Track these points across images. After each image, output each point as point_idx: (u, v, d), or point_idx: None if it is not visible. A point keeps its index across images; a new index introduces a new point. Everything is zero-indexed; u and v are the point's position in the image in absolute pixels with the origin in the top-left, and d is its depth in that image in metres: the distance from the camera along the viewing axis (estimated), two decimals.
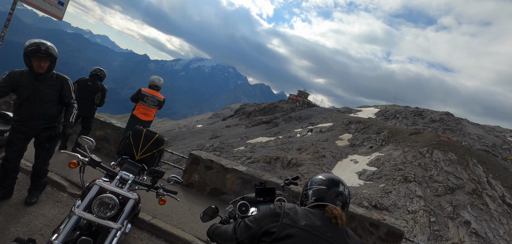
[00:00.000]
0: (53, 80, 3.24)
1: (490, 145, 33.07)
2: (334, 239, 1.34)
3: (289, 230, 1.33)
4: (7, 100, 6.64)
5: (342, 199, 1.50)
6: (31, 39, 3.06)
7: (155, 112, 5.72)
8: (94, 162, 2.31)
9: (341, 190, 1.51)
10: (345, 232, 1.42)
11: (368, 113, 50.66)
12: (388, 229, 4.27)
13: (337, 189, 1.51)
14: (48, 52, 3.03)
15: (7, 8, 33.64)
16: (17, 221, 2.99)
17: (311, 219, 1.38)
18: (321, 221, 1.38)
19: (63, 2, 5.78)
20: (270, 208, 1.47)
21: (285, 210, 1.42)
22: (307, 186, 1.61)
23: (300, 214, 1.40)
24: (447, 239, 16.64)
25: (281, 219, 1.38)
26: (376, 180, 22.41)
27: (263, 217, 1.45)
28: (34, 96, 3.12)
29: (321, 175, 1.60)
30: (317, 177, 1.59)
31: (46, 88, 3.18)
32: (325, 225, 1.37)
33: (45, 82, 3.17)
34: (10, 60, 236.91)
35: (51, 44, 3.14)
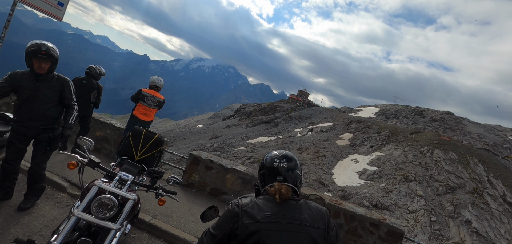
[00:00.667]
0: (54, 81, 3.23)
1: (491, 144, 33.02)
2: (295, 217, 1.34)
3: (251, 228, 1.31)
4: (7, 102, 6.64)
5: (282, 171, 1.48)
6: (33, 40, 3.06)
7: (155, 112, 5.73)
8: (93, 163, 2.31)
9: (277, 164, 1.49)
10: (306, 204, 1.42)
11: (368, 112, 50.62)
12: (389, 228, 4.26)
13: (273, 164, 1.50)
14: (49, 53, 3.04)
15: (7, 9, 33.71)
16: (17, 222, 2.99)
17: (267, 207, 1.37)
18: (275, 205, 1.38)
19: (62, 3, 5.78)
20: (228, 210, 1.43)
21: (243, 208, 1.38)
22: (258, 173, 1.61)
23: (257, 207, 1.38)
24: (448, 239, 16.62)
25: (241, 219, 1.35)
26: (376, 180, 22.39)
27: (223, 221, 1.42)
28: (34, 97, 3.13)
29: (266, 155, 1.59)
30: (262, 161, 1.59)
31: (46, 89, 3.18)
32: (280, 207, 1.37)
33: (45, 83, 3.17)
34: (10, 61, 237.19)
35: (52, 45, 3.13)
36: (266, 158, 1.56)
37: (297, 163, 1.55)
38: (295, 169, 1.51)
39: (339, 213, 4.50)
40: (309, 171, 22.26)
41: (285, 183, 1.46)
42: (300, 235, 1.32)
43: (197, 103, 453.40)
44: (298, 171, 1.52)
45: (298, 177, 1.51)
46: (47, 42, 3.12)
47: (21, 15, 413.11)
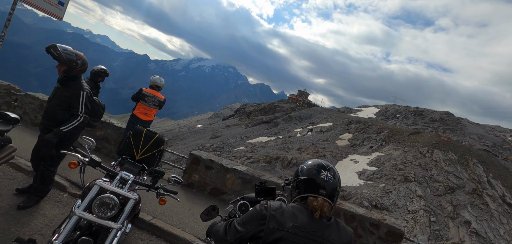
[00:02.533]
0: (73, 86, 3.26)
1: (490, 145, 33.05)
2: (324, 237, 1.28)
3: (276, 234, 1.28)
4: (8, 101, 6.65)
5: (327, 186, 1.38)
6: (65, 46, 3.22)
7: (155, 112, 5.73)
8: (94, 162, 2.31)
9: (323, 177, 1.38)
10: (336, 225, 1.35)
11: (368, 113, 50.64)
12: (389, 229, 4.27)
13: (320, 175, 1.39)
14: (58, 56, 3.11)
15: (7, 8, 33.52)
16: (17, 221, 2.99)
17: (298, 218, 1.31)
18: (307, 218, 1.32)
19: (63, 2, 5.78)
20: (256, 210, 1.39)
21: (271, 212, 1.33)
22: (294, 176, 1.51)
23: (286, 214, 1.33)
24: (447, 239, 16.63)
25: (267, 223, 1.31)
26: (376, 180, 22.40)
27: (250, 220, 1.39)
28: (52, 96, 3.31)
29: (307, 162, 1.49)
30: (302, 166, 1.48)
31: (62, 92, 3.26)
32: (313, 222, 1.31)
33: (64, 86, 3.27)
34: (11, 60, 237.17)
35: (67, 48, 3.18)
36: (311, 166, 1.45)
37: (340, 179, 1.45)
38: (338, 186, 1.41)
39: (339, 213, 4.50)
40: None
41: (328, 199, 1.38)
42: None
43: (197, 103, 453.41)
44: (339, 188, 1.42)
45: (338, 195, 1.43)
46: (65, 45, 3.17)
47: (21, 14, 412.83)
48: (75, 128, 3.25)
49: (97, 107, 3.67)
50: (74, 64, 3.19)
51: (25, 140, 5.06)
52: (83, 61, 3.32)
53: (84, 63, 3.35)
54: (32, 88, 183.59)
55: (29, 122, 6.58)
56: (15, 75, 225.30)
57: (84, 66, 3.35)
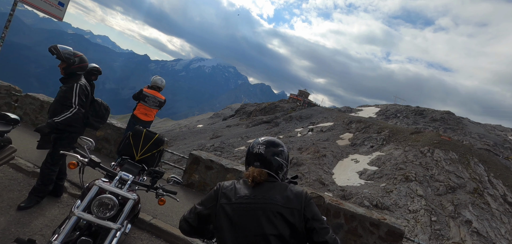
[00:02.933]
0: (70, 83, 3.33)
1: (491, 144, 32.98)
2: (265, 197, 1.42)
3: (226, 209, 1.43)
4: (8, 101, 6.66)
5: (260, 157, 1.55)
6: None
7: (155, 112, 5.73)
8: (94, 163, 2.31)
9: (256, 150, 1.56)
10: (281, 186, 1.48)
11: (369, 112, 50.59)
12: (389, 228, 4.27)
13: (253, 150, 1.58)
14: (56, 53, 3.22)
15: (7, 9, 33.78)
16: (17, 221, 2.99)
17: (243, 189, 1.48)
18: (250, 188, 1.48)
19: (63, 3, 5.79)
20: (213, 190, 1.56)
21: (222, 190, 1.51)
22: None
23: (235, 189, 1.49)
24: (448, 239, 16.61)
25: (219, 200, 1.48)
26: (377, 179, 22.38)
27: (207, 199, 1.56)
28: (56, 94, 3.43)
29: (253, 141, 1.68)
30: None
31: (61, 89, 3.35)
32: (255, 189, 1.46)
33: (64, 83, 3.37)
34: (11, 60, 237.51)
35: (64, 46, 3.29)
36: (251, 144, 1.64)
37: (278, 150, 1.57)
38: (274, 155, 1.54)
39: (339, 213, 4.50)
40: (309, 171, 22.26)
41: (265, 168, 1.53)
42: (270, 213, 1.38)
43: (197, 103, 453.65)
44: (278, 158, 1.55)
45: (277, 164, 1.55)
46: (64, 46, 3.31)
47: (21, 15, 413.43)
48: (70, 120, 3.19)
49: (99, 107, 3.64)
50: (72, 61, 3.30)
51: (26, 140, 5.07)
52: (81, 59, 3.39)
53: (83, 61, 3.42)
54: (32, 89, 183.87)
55: (29, 122, 6.59)
56: (16, 76, 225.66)
57: (82, 63, 3.42)
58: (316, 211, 1.44)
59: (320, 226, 1.40)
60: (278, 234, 1.35)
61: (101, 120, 3.70)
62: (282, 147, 1.60)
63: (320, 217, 1.44)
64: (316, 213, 1.43)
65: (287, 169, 1.60)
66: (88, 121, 3.56)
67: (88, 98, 3.49)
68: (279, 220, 1.37)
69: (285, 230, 1.36)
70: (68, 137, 3.38)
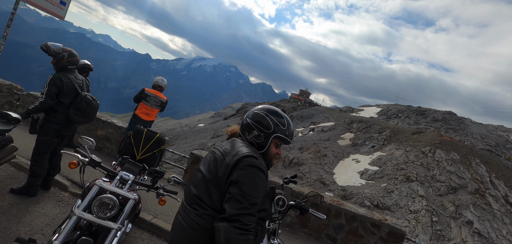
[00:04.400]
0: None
1: (493, 145, 32.86)
2: (218, 147, 1.55)
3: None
4: (10, 100, 6.68)
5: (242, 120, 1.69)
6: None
7: (157, 112, 5.72)
8: (94, 162, 2.31)
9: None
10: (232, 141, 1.56)
11: (370, 112, 50.49)
12: (390, 229, 4.25)
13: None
14: (45, 50, 3.33)
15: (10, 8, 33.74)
16: (18, 220, 3.00)
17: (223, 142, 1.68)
18: (225, 141, 1.67)
19: (65, 2, 5.79)
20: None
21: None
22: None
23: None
24: (449, 239, 16.56)
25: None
26: (378, 180, 22.34)
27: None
28: None
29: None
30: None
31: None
32: (225, 142, 1.64)
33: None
34: (13, 59, 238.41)
35: (52, 43, 3.38)
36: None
37: (253, 114, 1.62)
38: (247, 117, 1.63)
39: (340, 213, 4.49)
40: (310, 171, 22.25)
41: (240, 126, 1.67)
42: (212, 158, 1.50)
43: (198, 103, 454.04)
44: (249, 119, 1.60)
45: (246, 124, 1.61)
46: (51, 42, 3.40)
47: (23, 14, 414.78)
48: (38, 108, 3.30)
49: (80, 101, 3.51)
50: (61, 56, 3.40)
51: (27, 139, 5.08)
52: (70, 54, 3.48)
53: (72, 56, 3.50)
54: (34, 87, 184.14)
55: (29, 121, 6.60)
56: (17, 74, 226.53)
57: (72, 58, 3.50)
58: (246, 182, 1.33)
59: (236, 198, 1.30)
60: (205, 176, 1.46)
61: (81, 114, 3.56)
62: (262, 114, 1.59)
63: (245, 191, 1.31)
64: (244, 183, 1.33)
65: (259, 133, 1.55)
66: (69, 114, 3.50)
67: (67, 90, 3.44)
68: (212, 166, 1.46)
69: (211, 175, 1.43)
70: (49, 128, 3.46)
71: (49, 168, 3.67)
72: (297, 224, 4.70)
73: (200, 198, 1.42)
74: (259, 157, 1.45)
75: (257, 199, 1.32)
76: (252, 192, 1.31)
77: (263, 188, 1.38)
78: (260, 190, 1.35)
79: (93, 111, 3.68)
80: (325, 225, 4.54)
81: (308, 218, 4.60)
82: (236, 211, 1.26)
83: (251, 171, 1.34)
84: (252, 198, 1.30)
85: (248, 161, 1.37)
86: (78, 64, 3.65)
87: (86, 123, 4.06)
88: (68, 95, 3.46)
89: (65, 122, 3.54)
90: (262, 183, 1.37)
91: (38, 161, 3.45)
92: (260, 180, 1.36)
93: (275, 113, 1.60)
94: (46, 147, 3.49)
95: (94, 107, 3.65)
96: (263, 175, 1.39)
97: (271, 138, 1.54)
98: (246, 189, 1.30)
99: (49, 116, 3.45)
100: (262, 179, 1.38)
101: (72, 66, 3.53)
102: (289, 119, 1.66)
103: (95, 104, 3.66)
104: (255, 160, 1.39)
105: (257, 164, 1.38)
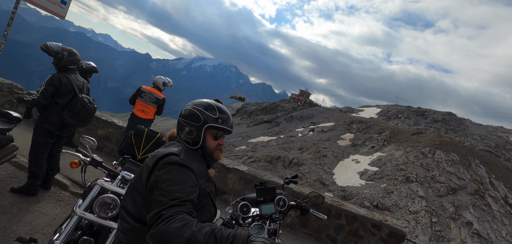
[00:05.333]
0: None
1: (493, 146, 32.88)
2: (157, 150, 1.44)
3: None
4: (10, 99, 6.68)
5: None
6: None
7: (154, 111, 5.65)
8: (96, 162, 2.31)
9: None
10: (169, 145, 1.48)
11: (370, 113, 50.51)
12: (390, 230, 4.25)
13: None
14: (45, 50, 3.37)
15: (10, 7, 33.76)
16: (19, 220, 3.00)
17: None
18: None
19: (65, 1, 5.79)
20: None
21: None
22: None
23: None
24: (449, 240, 16.57)
25: None
26: (377, 180, 22.35)
27: None
28: None
29: None
30: None
31: None
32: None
33: None
34: (13, 58, 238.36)
35: (51, 43, 3.41)
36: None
37: (184, 110, 1.51)
38: (179, 116, 1.52)
39: (340, 214, 4.49)
40: (309, 171, 22.25)
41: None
42: (144, 167, 1.39)
43: None
44: (180, 118, 1.50)
45: (179, 123, 1.52)
46: (50, 42, 3.41)
47: (24, 13, 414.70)
48: (32, 103, 3.31)
49: (76, 103, 3.46)
50: (60, 55, 3.40)
51: (27, 138, 5.07)
52: (70, 53, 3.47)
53: (72, 54, 3.49)
54: (34, 87, 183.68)
55: (31, 120, 6.60)
56: (18, 74, 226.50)
57: (72, 57, 3.48)
58: (164, 179, 1.21)
59: (156, 199, 1.16)
60: (132, 183, 1.39)
61: (75, 117, 3.47)
62: (190, 108, 1.49)
63: (164, 188, 1.18)
64: (163, 181, 1.21)
65: (190, 129, 1.46)
66: (63, 115, 3.45)
67: (65, 91, 3.42)
68: (139, 173, 1.38)
69: (137, 181, 1.36)
70: (43, 128, 3.45)
71: (48, 168, 3.64)
72: (298, 224, 4.70)
73: (126, 207, 1.34)
74: (183, 153, 1.35)
75: (180, 194, 1.15)
76: (172, 188, 1.17)
77: (187, 183, 1.22)
78: (182, 184, 1.20)
79: (88, 114, 3.60)
80: (326, 225, 4.55)
81: (309, 218, 4.60)
82: (157, 209, 1.11)
83: (169, 168, 1.24)
84: (173, 193, 1.15)
85: (166, 160, 1.28)
86: (79, 64, 3.63)
87: (81, 126, 3.99)
88: (65, 96, 3.42)
89: (58, 124, 3.47)
90: (184, 177, 1.23)
91: (35, 161, 3.43)
92: (181, 175, 1.23)
93: (203, 105, 1.49)
94: (41, 148, 3.45)
95: (89, 110, 3.57)
96: (186, 170, 1.26)
97: (203, 130, 1.45)
98: (164, 186, 1.18)
99: (43, 117, 3.41)
100: (184, 174, 1.24)
101: (73, 66, 3.51)
102: (222, 108, 1.52)
103: (91, 107, 3.58)
104: (175, 157, 1.29)
105: (176, 160, 1.27)
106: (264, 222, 2.15)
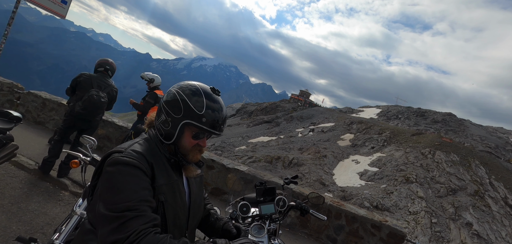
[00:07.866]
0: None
1: (493, 146, 32.88)
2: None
3: None
4: (10, 99, 6.68)
5: None
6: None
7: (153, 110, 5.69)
8: (96, 162, 2.31)
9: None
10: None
11: (370, 113, 50.51)
12: (390, 230, 4.25)
13: None
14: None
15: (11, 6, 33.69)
16: (19, 219, 3.00)
17: None
18: None
19: (66, 0, 5.79)
20: None
21: None
22: None
23: None
24: (448, 241, 16.57)
25: None
26: (377, 181, 22.35)
27: None
28: (58, 91, 3.81)
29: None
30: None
31: None
32: None
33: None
34: (14, 58, 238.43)
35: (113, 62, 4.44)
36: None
37: (169, 96, 1.16)
38: (162, 97, 1.22)
39: (340, 214, 4.49)
40: (309, 171, 22.24)
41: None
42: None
43: None
44: (162, 102, 1.17)
45: (158, 106, 1.20)
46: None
47: (24, 12, 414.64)
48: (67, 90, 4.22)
49: (86, 94, 3.85)
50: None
51: (28, 138, 5.08)
52: (100, 62, 4.31)
53: (100, 61, 4.30)
54: (35, 86, 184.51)
55: (31, 120, 6.61)
56: (18, 73, 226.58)
57: (99, 62, 4.31)
58: (105, 188, 0.97)
59: (99, 218, 0.94)
60: (93, 185, 1.12)
61: (81, 106, 3.74)
62: (174, 91, 1.15)
63: (106, 202, 0.94)
64: (104, 192, 0.97)
65: (166, 118, 1.13)
66: (74, 105, 3.82)
67: (84, 85, 3.87)
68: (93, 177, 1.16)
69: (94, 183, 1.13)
70: (68, 114, 3.99)
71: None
72: (298, 224, 4.70)
73: (89, 218, 1.12)
74: (130, 149, 1.05)
75: (128, 203, 0.92)
76: (115, 198, 0.93)
77: (135, 186, 0.96)
78: (128, 190, 0.94)
79: (93, 106, 3.78)
80: (326, 226, 4.55)
81: (309, 218, 4.60)
82: (104, 238, 0.89)
83: (109, 173, 0.98)
84: (117, 205, 0.91)
85: (108, 162, 1.02)
86: (105, 66, 4.18)
87: (89, 118, 4.04)
88: (83, 90, 3.83)
89: (72, 113, 3.85)
90: (129, 179, 0.96)
91: (55, 140, 3.91)
92: (124, 177, 0.96)
93: (191, 91, 1.13)
94: (63, 127, 3.93)
95: (93, 102, 3.75)
96: (130, 169, 0.98)
97: (179, 125, 1.11)
98: (106, 198, 0.95)
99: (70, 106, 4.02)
100: (129, 175, 0.97)
101: (100, 68, 4.18)
102: (213, 101, 1.16)
103: (96, 99, 3.77)
104: (118, 155, 1.01)
105: (118, 158, 1.00)
106: (264, 222, 2.15)
